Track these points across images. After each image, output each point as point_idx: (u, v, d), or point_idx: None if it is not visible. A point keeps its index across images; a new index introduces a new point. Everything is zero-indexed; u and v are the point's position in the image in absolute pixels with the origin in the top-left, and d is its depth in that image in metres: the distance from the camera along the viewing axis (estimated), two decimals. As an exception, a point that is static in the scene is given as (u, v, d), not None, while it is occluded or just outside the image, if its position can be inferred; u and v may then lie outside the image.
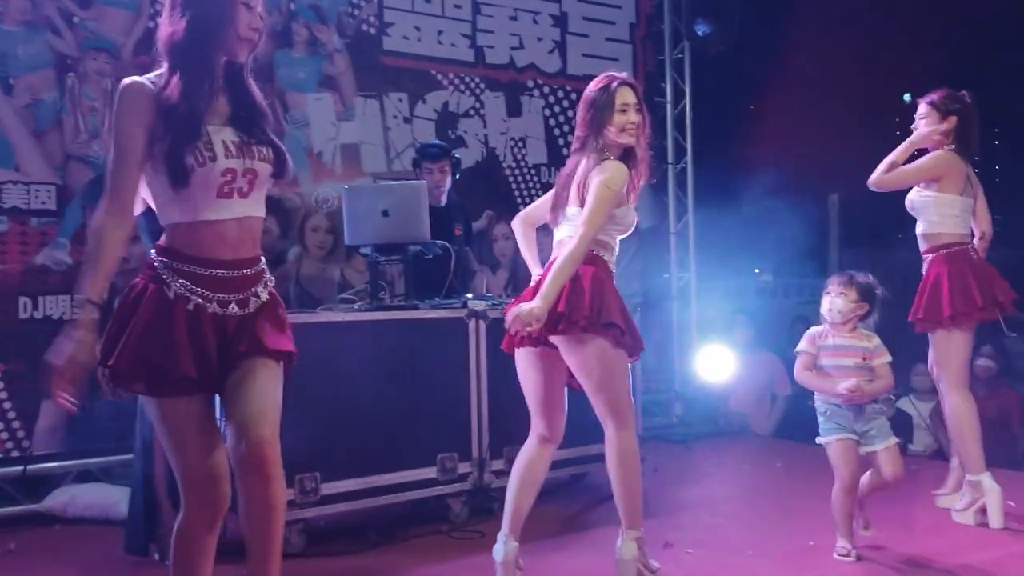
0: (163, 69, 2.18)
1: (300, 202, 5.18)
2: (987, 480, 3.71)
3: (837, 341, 3.36)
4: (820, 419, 3.38)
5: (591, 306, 2.91)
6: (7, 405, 4.27)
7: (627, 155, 3.08)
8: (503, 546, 3.07)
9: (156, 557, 3.49)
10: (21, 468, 4.22)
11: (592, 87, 3.10)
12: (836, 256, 9.37)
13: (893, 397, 4.97)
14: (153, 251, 2.22)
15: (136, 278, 2.21)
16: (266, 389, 2.21)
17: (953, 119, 3.88)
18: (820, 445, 3.39)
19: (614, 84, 3.04)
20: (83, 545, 3.83)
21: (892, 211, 4.10)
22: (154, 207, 2.26)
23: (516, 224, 3.34)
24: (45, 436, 4.34)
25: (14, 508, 4.20)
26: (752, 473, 5.15)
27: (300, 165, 5.24)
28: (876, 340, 3.38)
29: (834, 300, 3.35)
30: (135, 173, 2.15)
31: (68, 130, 4.51)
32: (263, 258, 2.31)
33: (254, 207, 2.25)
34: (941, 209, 3.83)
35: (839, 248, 9.30)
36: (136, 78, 2.16)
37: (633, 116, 3.04)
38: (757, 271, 10.98)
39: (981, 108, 4.01)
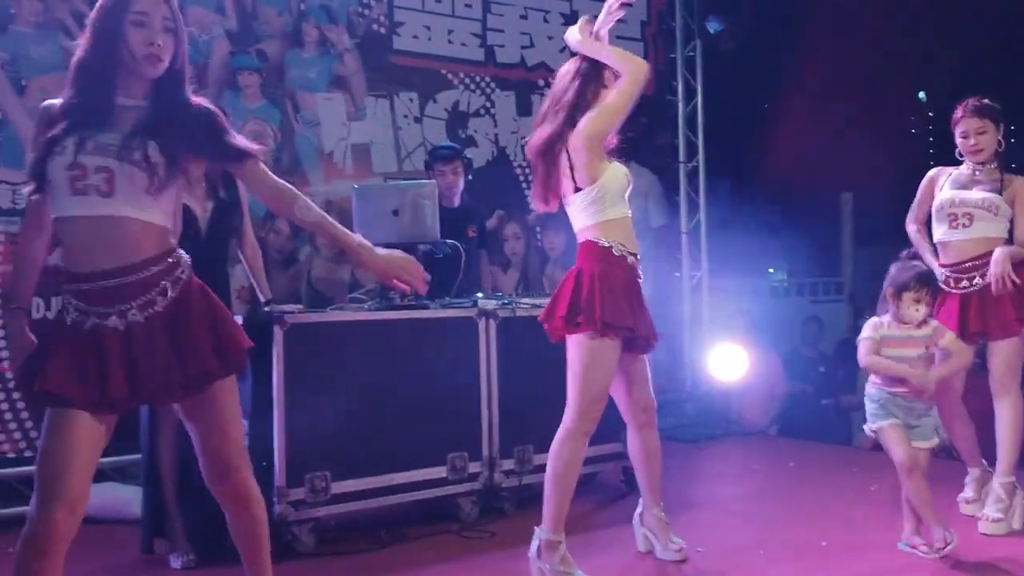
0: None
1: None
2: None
3: (904, 332, 3.33)
4: (871, 406, 3.35)
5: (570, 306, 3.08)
6: (20, 405, 4.29)
7: None
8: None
9: (173, 559, 3.48)
10: (34, 467, 4.23)
11: (578, 65, 3.19)
12: (850, 254, 9.32)
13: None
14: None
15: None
16: (226, 415, 2.26)
17: (1001, 127, 3.79)
18: (859, 441, 3.36)
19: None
20: (95, 544, 3.82)
21: (905, 210, 4.05)
22: None
23: None
24: (58, 435, 4.36)
25: (27, 508, 4.20)
26: (764, 473, 5.13)
27: (311, 165, 5.26)
28: (935, 323, 3.38)
29: (920, 309, 3.30)
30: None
31: (80, 131, 4.53)
32: (164, 258, 2.21)
33: (127, 207, 2.15)
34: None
35: (853, 246, 9.24)
36: (50, 100, 2.24)
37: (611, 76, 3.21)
38: (770, 270, 10.90)
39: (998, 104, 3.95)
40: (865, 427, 3.41)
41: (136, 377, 2.14)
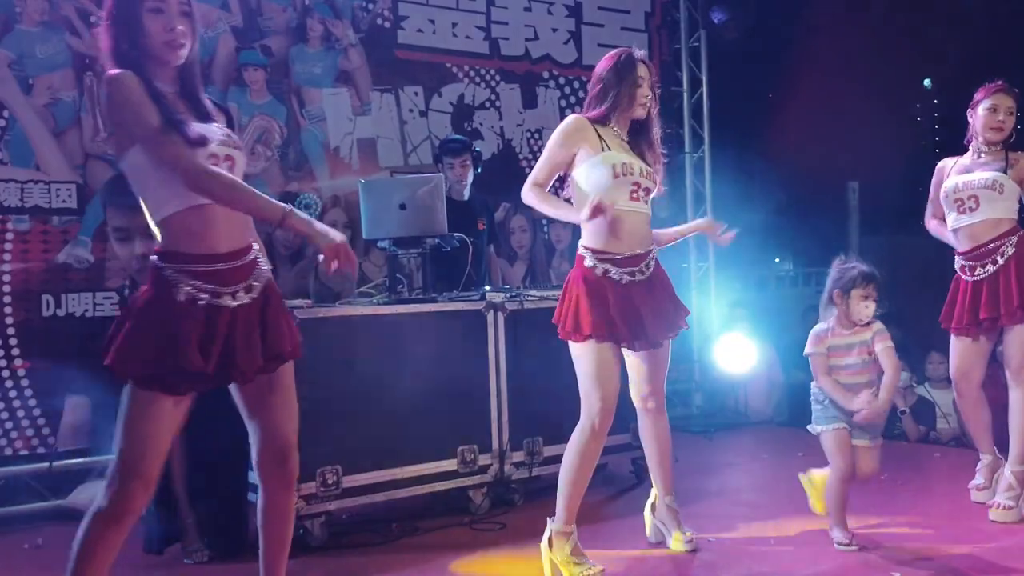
0: None
1: (318, 197, 5.20)
2: None
3: (844, 340, 3.33)
4: (815, 407, 3.38)
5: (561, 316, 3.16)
6: (32, 402, 4.32)
7: (636, 130, 3.25)
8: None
9: (190, 562, 3.48)
10: (47, 464, 4.27)
11: (610, 61, 3.21)
12: (856, 244, 9.30)
13: (914, 384, 4.89)
14: (155, 257, 2.23)
15: (143, 286, 2.25)
16: (294, 401, 2.41)
17: None
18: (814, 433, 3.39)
19: (636, 55, 3.21)
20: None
21: (912, 198, 4.06)
22: (146, 205, 2.26)
23: None
24: (70, 432, 4.39)
25: (40, 504, 4.25)
26: (772, 462, 5.13)
27: (317, 160, 5.27)
28: (876, 325, 3.35)
29: (869, 306, 3.29)
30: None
31: (87, 129, 4.54)
32: (255, 245, 2.35)
33: None
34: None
35: (859, 236, 9.23)
36: (121, 69, 2.18)
37: (646, 90, 3.22)
38: (777, 260, 10.89)
39: None
40: (809, 427, 3.41)
41: (230, 355, 2.23)
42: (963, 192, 3.77)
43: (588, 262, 3.11)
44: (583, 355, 3.11)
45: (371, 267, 5.27)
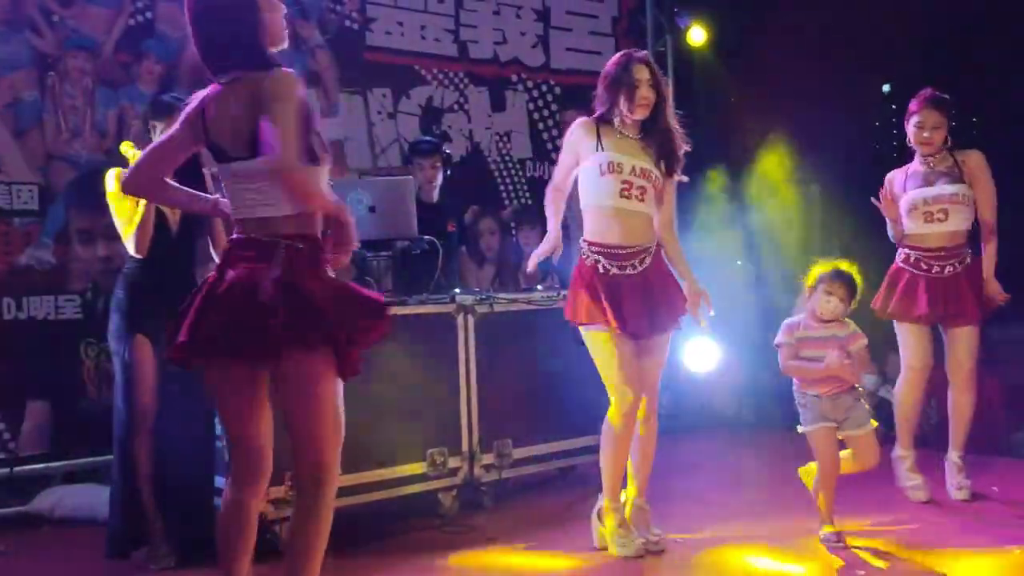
0: None
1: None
2: None
3: (818, 333, 3.40)
4: (800, 410, 3.46)
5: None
6: (-9, 408, 4.25)
7: (647, 128, 3.35)
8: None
9: (156, 567, 3.44)
10: (7, 470, 4.20)
11: (612, 64, 3.33)
12: (818, 246, 9.43)
13: (861, 388, 4.96)
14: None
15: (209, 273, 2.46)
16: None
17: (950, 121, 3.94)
18: (802, 433, 3.46)
19: (635, 57, 3.31)
20: (71, 546, 3.82)
21: (870, 202, 4.14)
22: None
23: None
24: (31, 437, 4.32)
25: (1, 510, 4.17)
26: (739, 462, 5.20)
27: (284, 162, 5.22)
28: (852, 325, 3.44)
29: (831, 301, 3.37)
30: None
31: (49, 129, 4.48)
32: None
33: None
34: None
35: (820, 238, 9.36)
36: None
37: (645, 91, 3.27)
38: (739, 262, 10.95)
39: (961, 97, 4.07)
40: (798, 428, 3.48)
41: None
42: (932, 206, 3.91)
43: (583, 252, 3.29)
44: (595, 344, 3.26)
45: (340, 270, 5.23)
